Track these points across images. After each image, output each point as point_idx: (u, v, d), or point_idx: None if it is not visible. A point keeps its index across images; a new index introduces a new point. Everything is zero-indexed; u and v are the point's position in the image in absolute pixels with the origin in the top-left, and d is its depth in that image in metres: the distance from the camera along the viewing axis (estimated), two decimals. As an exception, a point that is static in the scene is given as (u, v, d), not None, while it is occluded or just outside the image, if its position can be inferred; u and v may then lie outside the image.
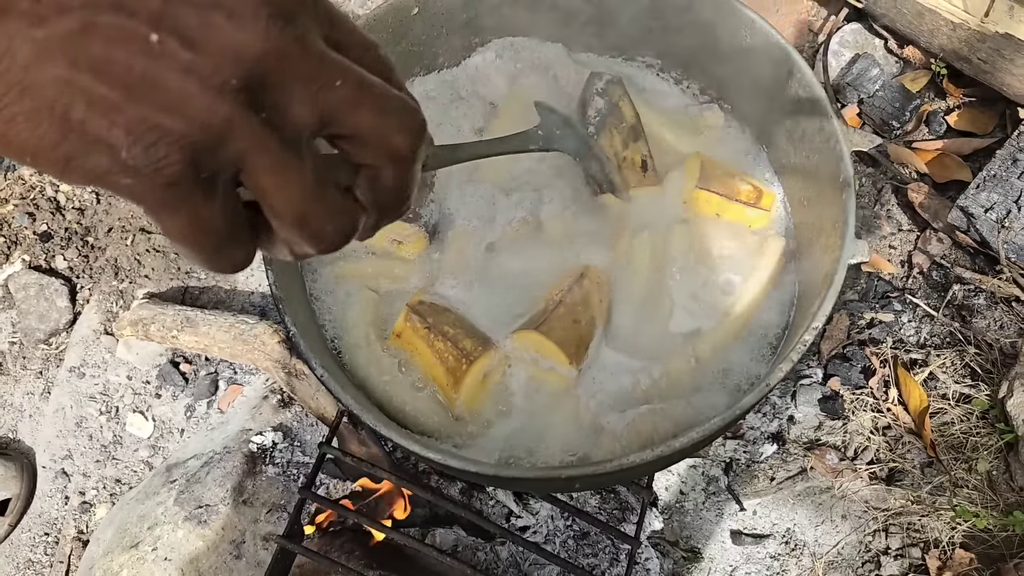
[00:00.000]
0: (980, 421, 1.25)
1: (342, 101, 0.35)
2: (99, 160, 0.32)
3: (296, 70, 0.34)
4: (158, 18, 0.31)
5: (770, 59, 0.89)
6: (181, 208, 0.33)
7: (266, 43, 0.33)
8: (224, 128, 0.32)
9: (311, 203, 0.35)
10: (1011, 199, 1.22)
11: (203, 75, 0.32)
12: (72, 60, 0.31)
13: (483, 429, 0.84)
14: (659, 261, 0.88)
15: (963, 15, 1.37)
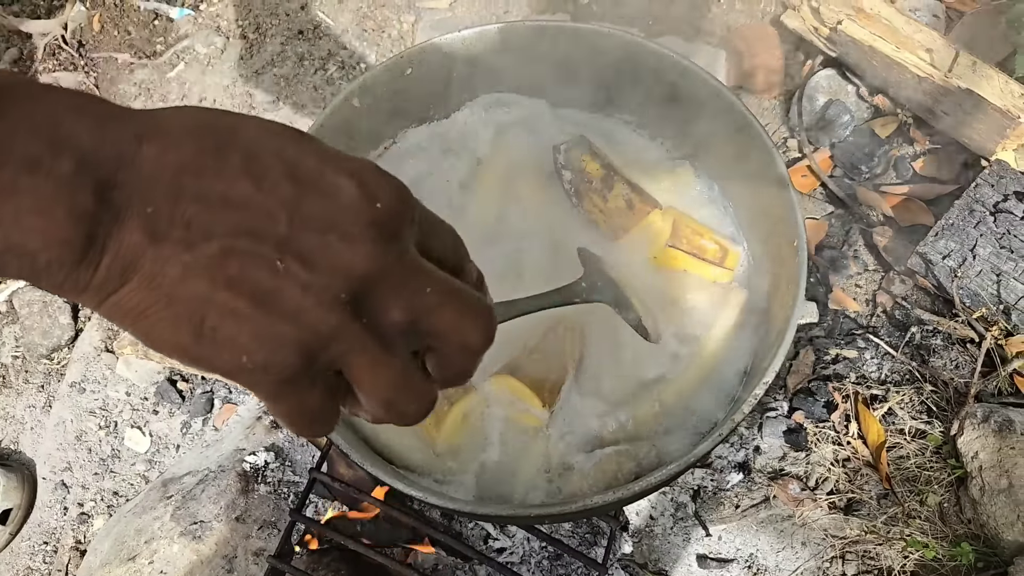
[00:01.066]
0: (933, 456, 1.33)
1: (430, 306, 0.41)
2: (226, 361, 0.38)
3: (394, 282, 0.40)
4: (284, 242, 0.37)
5: (734, 125, 0.96)
6: (289, 398, 0.40)
7: (372, 262, 0.39)
8: (332, 334, 0.38)
9: (399, 392, 0.41)
10: (967, 247, 1.30)
11: (318, 291, 0.38)
12: (212, 278, 0.37)
13: (462, 465, 0.91)
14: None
15: (929, 69, 1.44)
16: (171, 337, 0.38)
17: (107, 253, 0.36)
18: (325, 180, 0.40)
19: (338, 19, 1.85)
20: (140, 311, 0.37)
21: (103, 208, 0.35)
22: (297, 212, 0.38)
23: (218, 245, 0.37)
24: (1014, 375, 1.29)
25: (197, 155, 0.38)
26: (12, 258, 0.34)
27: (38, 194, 0.34)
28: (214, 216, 0.37)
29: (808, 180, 1.58)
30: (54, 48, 1.90)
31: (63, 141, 0.35)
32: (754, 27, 1.71)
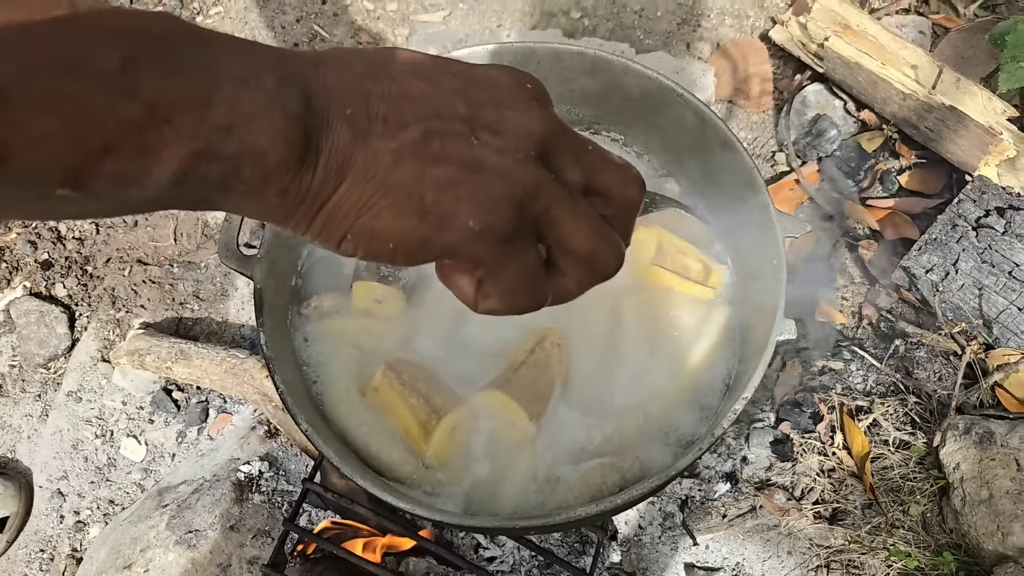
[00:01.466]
0: (917, 467, 1.35)
1: (595, 164, 0.46)
2: (453, 232, 0.41)
3: (565, 143, 0.45)
4: (469, 118, 0.42)
5: (718, 145, 0.98)
6: (514, 260, 0.43)
7: (544, 124, 0.44)
8: (535, 186, 0.42)
9: (599, 240, 0.45)
10: (949, 262, 1.32)
11: (512, 152, 0.42)
12: (420, 158, 0.40)
13: (451, 477, 0.94)
14: (614, 327, 0.98)
15: (913, 85, 1.47)
16: (395, 224, 0.41)
17: (322, 153, 0.39)
18: (479, 73, 0.45)
19: (333, 32, 1.87)
20: (361, 205, 0.40)
21: (310, 113, 0.39)
22: (469, 96, 0.43)
23: (417, 129, 0.41)
24: (995, 387, 1.31)
25: (368, 68, 0.42)
26: (248, 158, 0.37)
27: (257, 103, 0.37)
28: (403, 108, 0.41)
29: (796, 193, 1.60)
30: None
31: (258, 64, 0.38)
32: (743, 42, 1.73)
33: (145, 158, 0.34)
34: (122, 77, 0.33)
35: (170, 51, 0.35)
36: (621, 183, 0.46)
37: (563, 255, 0.45)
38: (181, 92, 0.35)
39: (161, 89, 0.34)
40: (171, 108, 0.34)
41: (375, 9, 1.89)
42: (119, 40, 0.34)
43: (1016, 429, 1.25)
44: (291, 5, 1.90)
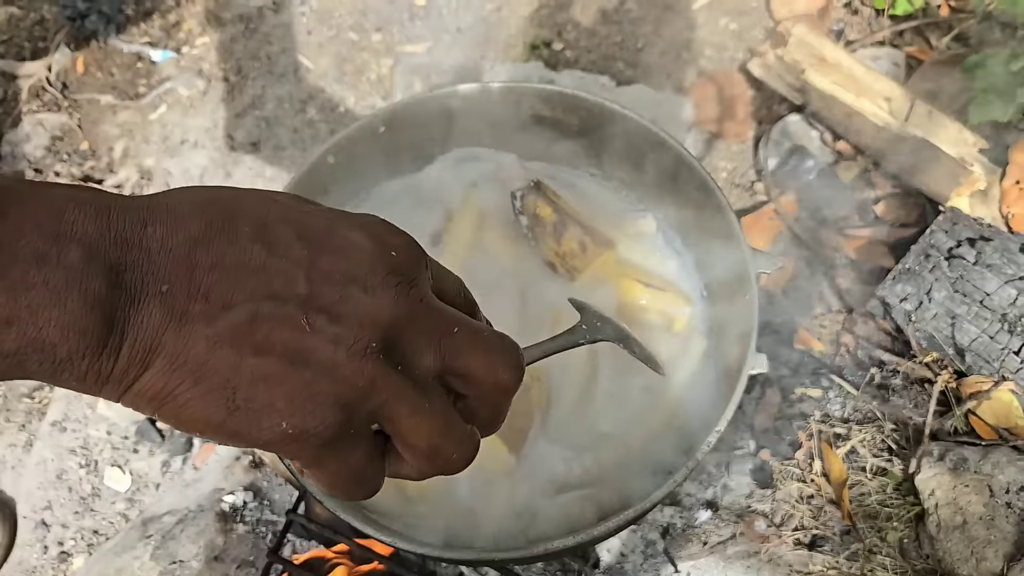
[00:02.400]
0: (894, 493, 1.37)
1: (459, 346, 0.41)
2: (264, 431, 0.37)
3: (422, 326, 0.40)
4: (307, 300, 0.38)
5: (692, 183, 1.01)
6: (333, 461, 0.39)
7: (397, 308, 0.39)
8: (369, 385, 0.38)
9: (442, 438, 0.41)
10: (923, 291, 1.35)
11: (348, 343, 0.38)
12: (239, 347, 0.36)
13: (433, 509, 0.95)
14: (592, 361, 0.99)
15: (887, 117, 1.50)
16: (203, 415, 0.37)
17: (127, 337, 0.35)
18: (337, 236, 0.40)
19: (318, 62, 1.90)
20: (167, 394, 0.36)
21: (117, 292, 0.35)
22: (314, 269, 0.38)
23: (240, 313, 0.37)
24: (969, 415, 1.33)
25: (205, 229, 0.37)
26: (32, 354, 0.34)
27: (50, 287, 0.33)
28: (232, 284, 0.37)
29: (774, 222, 1.63)
30: (38, 89, 1.94)
31: (67, 233, 0.34)
32: (723, 74, 1.77)
33: None
34: None
35: None
36: (489, 367, 0.42)
37: (403, 447, 0.41)
38: None
39: None
40: None
41: (360, 40, 1.91)
42: None
43: (989, 456, 1.27)
44: (276, 36, 1.93)
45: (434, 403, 0.41)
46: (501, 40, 1.86)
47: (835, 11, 1.83)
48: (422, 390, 0.40)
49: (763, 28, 1.83)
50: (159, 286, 0.36)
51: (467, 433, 0.43)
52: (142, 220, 0.37)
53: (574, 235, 1.03)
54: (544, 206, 1.03)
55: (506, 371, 0.43)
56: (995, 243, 1.33)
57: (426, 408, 0.40)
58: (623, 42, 1.82)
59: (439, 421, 0.41)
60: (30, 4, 2.01)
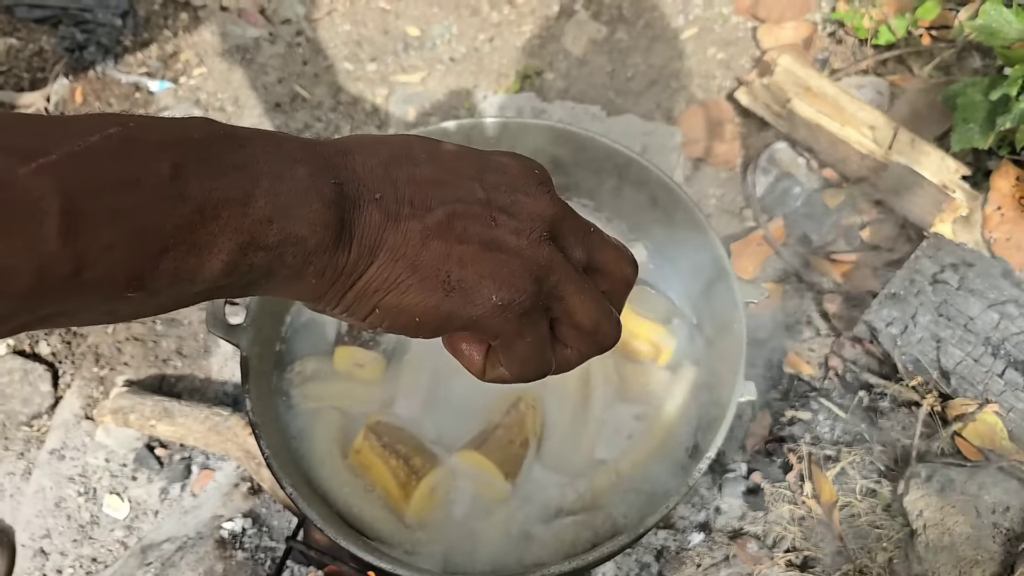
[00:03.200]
0: (883, 514, 1.39)
1: (596, 243, 0.49)
2: (477, 307, 0.44)
3: (570, 225, 0.48)
4: (487, 203, 0.46)
5: (681, 214, 1.04)
6: (530, 332, 0.46)
7: (554, 207, 0.48)
8: (548, 264, 0.46)
9: (602, 314, 0.48)
10: (908, 315, 1.38)
11: (527, 232, 0.46)
12: (446, 238, 0.44)
13: (430, 536, 0.97)
14: (585, 389, 1.02)
15: (871, 146, 1.54)
16: (423, 299, 0.44)
17: (356, 234, 0.42)
18: (492, 160, 0.49)
19: (314, 92, 1.93)
20: (391, 282, 0.43)
21: (343, 198, 0.42)
22: (485, 182, 0.46)
23: (441, 212, 0.44)
24: (955, 436, 1.36)
25: (392, 155, 0.45)
26: (289, 246, 0.40)
27: (293, 194, 0.40)
28: (428, 191, 0.44)
29: (763, 248, 1.66)
30: (38, 119, 1.96)
31: (293, 157, 0.41)
32: (711, 103, 1.80)
33: (199, 254, 0.38)
34: (173, 184, 0.37)
35: (211, 154, 0.39)
36: (618, 261, 0.50)
37: (569, 328, 0.48)
38: (224, 191, 0.38)
39: (207, 191, 0.38)
40: (217, 207, 0.38)
41: (355, 70, 1.95)
42: (167, 152, 0.37)
43: (975, 476, 1.30)
44: (273, 66, 1.96)
45: (591, 284, 0.48)
46: (494, 70, 1.89)
47: (820, 41, 1.88)
48: (581, 274, 0.48)
49: (750, 57, 1.87)
50: (373, 194, 0.43)
51: (614, 311, 0.50)
52: (340, 151, 0.44)
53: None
54: None
55: (628, 265, 0.51)
56: (977, 268, 1.37)
57: (588, 288, 0.48)
58: (613, 72, 1.86)
59: (597, 299, 0.48)
60: (29, 35, 2.04)
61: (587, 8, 1.96)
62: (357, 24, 2.00)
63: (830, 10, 1.89)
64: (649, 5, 1.96)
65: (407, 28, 1.98)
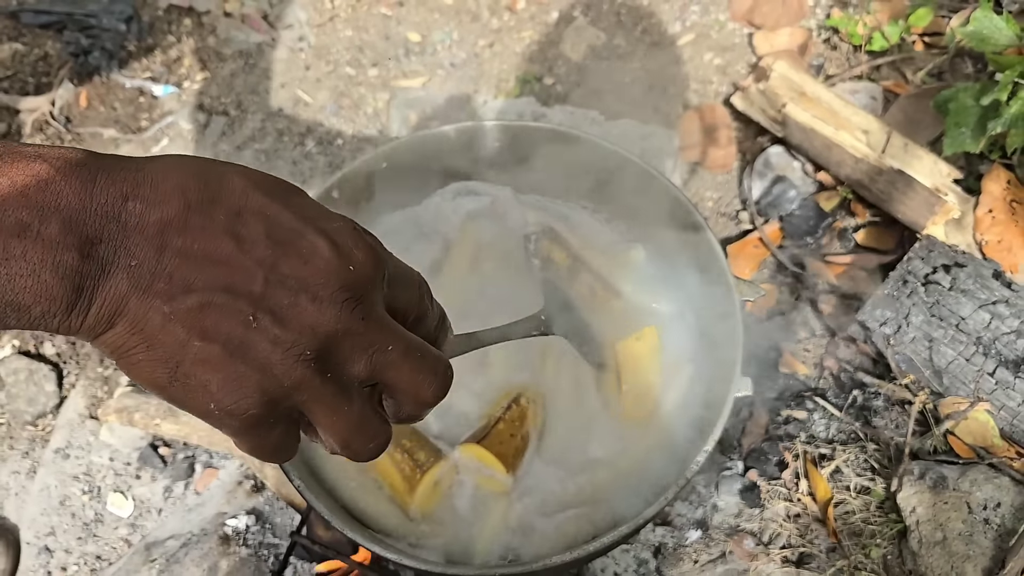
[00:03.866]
0: (877, 511, 1.42)
1: (390, 362, 0.45)
2: (196, 404, 0.42)
3: (357, 341, 0.44)
4: (259, 299, 0.41)
5: (681, 217, 1.06)
6: (251, 438, 0.44)
7: (338, 323, 0.43)
8: (295, 385, 0.42)
9: (353, 435, 0.45)
10: (901, 316, 1.40)
11: (286, 346, 0.42)
12: (189, 328, 0.40)
13: (434, 529, 0.99)
14: (586, 385, 1.04)
15: (864, 150, 1.57)
16: (149, 376, 0.42)
17: (95, 302, 0.40)
18: (303, 241, 0.43)
19: (316, 96, 1.96)
20: (124, 351, 0.41)
21: (89, 263, 0.39)
22: (273, 271, 0.42)
23: (196, 299, 0.40)
24: (947, 434, 1.38)
25: (182, 211, 0.41)
26: (11, 312, 0.39)
27: (27, 258, 0.38)
28: (194, 271, 0.40)
29: (759, 250, 1.69)
30: (41, 123, 1.98)
31: (50, 204, 0.38)
32: (707, 107, 1.83)
33: None
34: None
35: None
36: (413, 384, 0.46)
37: (320, 434, 0.46)
38: None
39: None
40: None
41: (357, 75, 1.97)
42: None
43: (967, 473, 1.32)
44: (275, 71, 1.99)
45: (352, 406, 0.45)
46: (494, 75, 1.92)
47: (815, 47, 1.91)
48: (344, 393, 0.44)
49: (746, 63, 1.90)
50: (129, 260, 0.40)
51: (378, 431, 0.47)
52: (124, 194, 0.40)
53: (585, 281, 1.08)
54: (559, 251, 1.09)
55: (428, 389, 0.47)
56: (969, 269, 1.39)
57: (343, 411, 0.44)
58: (612, 77, 1.88)
59: (354, 421, 0.45)
60: (34, 40, 2.06)
61: (586, 15, 1.99)
62: (359, 30, 2.03)
63: (825, 17, 1.92)
64: (647, 12, 1.99)
65: (408, 34, 2.01)
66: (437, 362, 0.48)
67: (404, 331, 0.47)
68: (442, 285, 1.13)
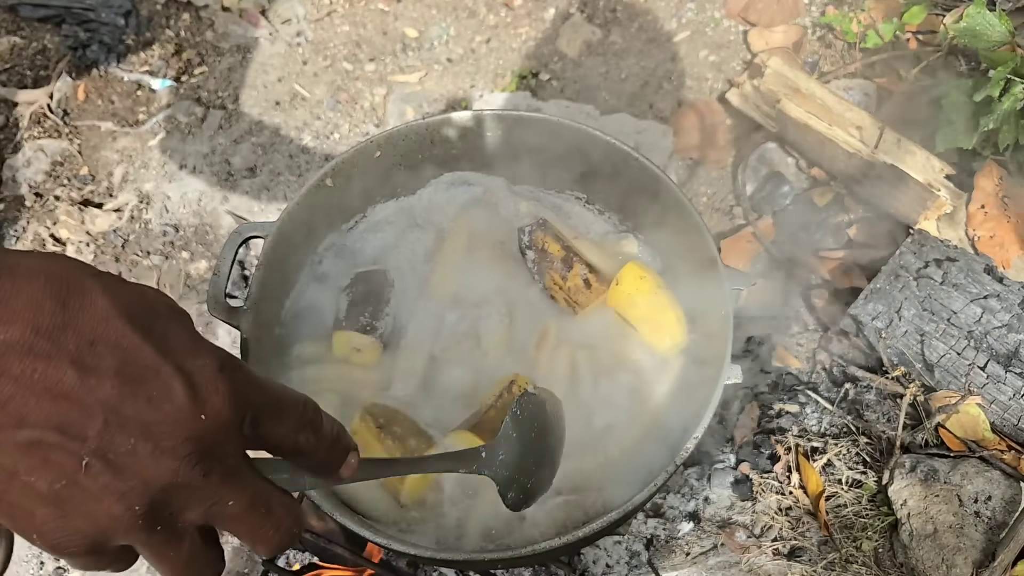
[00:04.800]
0: (868, 504, 1.42)
1: (229, 516, 0.44)
2: (21, 530, 0.41)
3: (195, 494, 0.42)
4: (94, 443, 0.39)
5: (674, 208, 1.07)
6: (81, 564, 0.44)
7: (175, 478, 0.41)
8: (117, 534, 0.41)
9: (185, 571, 0.45)
10: (893, 310, 1.41)
11: (115, 496, 0.40)
12: (15, 462, 0.39)
13: (424, 515, 0.99)
14: (575, 373, 1.05)
15: (858, 145, 1.58)
16: None
17: None
18: (157, 381, 0.40)
19: (313, 91, 1.96)
20: None
21: None
22: (115, 413, 0.39)
23: (27, 435, 0.38)
24: (938, 428, 1.39)
25: (29, 335, 0.38)
26: None
27: None
28: (30, 403, 0.38)
29: (752, 245, 1.70)
30: (39, 116, 1.99)
31: None
32: (702, 103, 1.84)
33: None
34: None
35: None
36: (253, 539, 0.46)
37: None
38: None
39: None
40: None
41: (354, 69, 1.98)
42: None
43: (957, 467, 1.33)
44: (273, 65, 1.99)
45: (180, 550, 0.44)
46: (490, 70, 1.93)
47: (809, 44, 1.92)
48: (172, 541, 0.43)
49: (741, 60, 1.91)
50: None
51: (207, 568, 0.46)
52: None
53: (579, 272, 1.08)
54: (552, 242, 1.09)
55: (265, 545, 0.47)
56: (960, 264, 1.40)
57: (169, 556, 0.44)
58: (607, 73, 1.89)
59: (180, 564, 0.44)
60: (32, 34, 2.07)
61: (582, 11, 2.00)
62: (356, 25, 2.04)
63: (819, 14, 1.93)
64: (643, 9, 1.99)
65: (405, 29, 2.01)
66: (283, 517, 0.47)
67: (253, 482, 0.45)
68: (435, 275, 1.14)
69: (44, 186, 1.87)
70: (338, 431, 0.52)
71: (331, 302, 1.10)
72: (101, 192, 1.87)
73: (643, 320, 1.06)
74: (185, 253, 1.78)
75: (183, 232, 1.80)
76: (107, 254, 1.78)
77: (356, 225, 1.17)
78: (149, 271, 1.80)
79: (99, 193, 1.87)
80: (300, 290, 1.11)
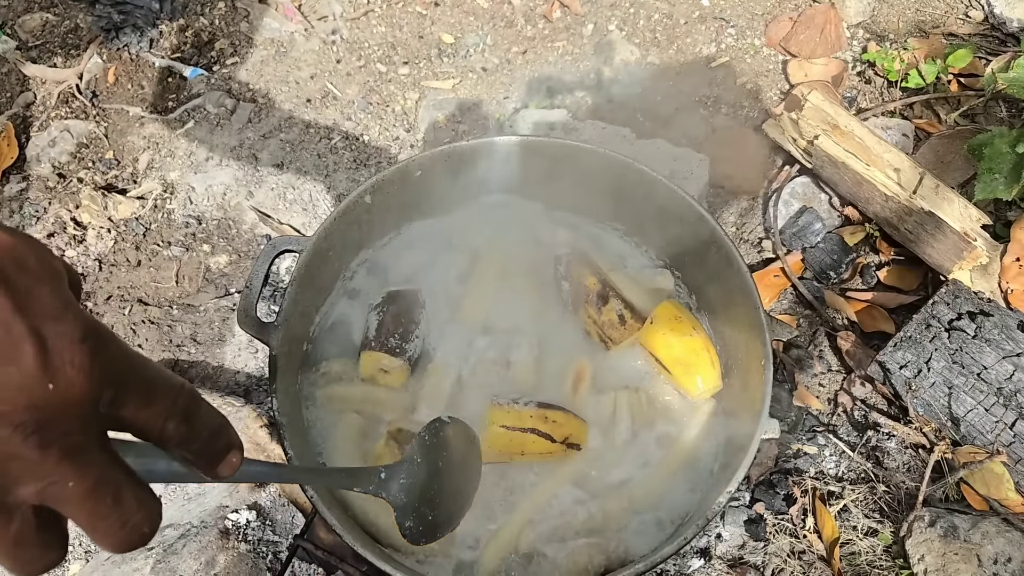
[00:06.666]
0: (883, 555, 1.40)
1: (67, 498, 0.40)
2: None
3: (29, 469, 0.39)
4: None
5: (713, 243, 1.05)
6: None
7: (5, 446, 0.38)
8: None
9: (8, 558, 0.41)
10: (922, 360, 1.39)
11: None
12: None
13: (443, 547, 0.98)
14: (609, 414, 1.03)
15: (895, 188, 1.55)
16: None
17: None
18: (7, 339, 0.38)
19: (345, 91, 1.94)
20: None
21: None
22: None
23: None
24: (960, 483, 1.37)
25: None
26: None
27: None
28: None
29: (780, 280, 1.68)
30: (67, 96, 1.97)
31: None
32: (737, 132, 1.82)
33: None
34: None
35: None
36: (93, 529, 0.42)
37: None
38: None
39: None
40: None
41: (387, 72, 1.96)
42: None
43: (979, 525, 1.31)
44: (306, 62, 1.97)
45: (6, 529, 0.40)
46: (525, 83, 1.91)
47: (849, 79, 1.89)
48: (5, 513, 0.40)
49: (778, 90, 1.89)
50: None
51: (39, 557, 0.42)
52: None
53: (615, 307, 1.07)
54: (590, 276, 1.07)
55: (106, 539, 0.43)
56: (995, 319, 1.38)
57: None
58: (643, 94, 1.87)
59: (7, 543, 0.40)
60: (65, 12, 2.05)
61: (621, 29, 1.97)
62: (392, 27, 2.01)
63: (861, 50, 1.91)
64: (682, 31, 1.97)
65: (442, 35, 1.99)
66: (132, 512, 0.42)
67: (101, 466, 0.41)
68: (468, 298, 1.12)
69: (68, 167, 1.86)
70: (219, 425, 0.48)
71: (360, 319, 1.09)
72: (125, 178, 1.85)
73: (676, 362, 1.04)
74: (206, 246, 1.76)
75: (205, 225, 1.78)
76: (127, 241, 1.76)
77: (390, 242, 1.15)
78: (169, 262, 1.78)
79: (123, 179, 1.85)
80: (330, 305, 1.10)
